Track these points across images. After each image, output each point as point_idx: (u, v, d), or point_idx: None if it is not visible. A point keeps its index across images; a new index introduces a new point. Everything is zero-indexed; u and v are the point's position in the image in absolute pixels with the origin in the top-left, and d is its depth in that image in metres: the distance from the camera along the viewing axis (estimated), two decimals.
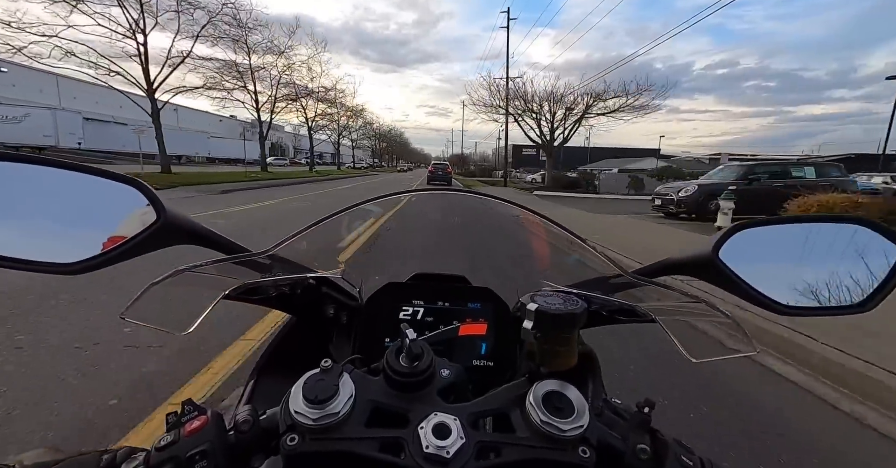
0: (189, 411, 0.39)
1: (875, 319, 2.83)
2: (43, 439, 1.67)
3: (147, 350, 2.42)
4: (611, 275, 0.59)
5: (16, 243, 0.40)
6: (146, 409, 1.88)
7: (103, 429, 1.75)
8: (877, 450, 1.93)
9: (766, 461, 1.78)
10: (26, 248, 0.40)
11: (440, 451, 0.36)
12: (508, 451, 0.38)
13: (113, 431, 1.74)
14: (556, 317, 0.41)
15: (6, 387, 2.01)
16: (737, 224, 0.47)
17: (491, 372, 0.67)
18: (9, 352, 2.33)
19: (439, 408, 0.40)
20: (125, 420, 1.80)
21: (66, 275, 0.40)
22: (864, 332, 2.84)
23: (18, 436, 1.70)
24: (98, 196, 0.44)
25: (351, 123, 51.73)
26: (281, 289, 0.60)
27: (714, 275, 0.46)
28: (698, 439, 1.86)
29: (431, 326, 0.69)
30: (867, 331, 2.85)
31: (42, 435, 1.70)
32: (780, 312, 0.44)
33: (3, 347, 2.38)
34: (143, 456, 0.36)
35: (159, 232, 0.43)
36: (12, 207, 0.41)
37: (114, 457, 0.37)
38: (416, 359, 0.42)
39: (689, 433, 1.91)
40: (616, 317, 0.58)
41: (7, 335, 2.53)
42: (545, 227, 0.70)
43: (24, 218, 0.42)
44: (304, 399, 0.37)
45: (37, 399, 1.91)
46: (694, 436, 1.89)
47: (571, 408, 0.39)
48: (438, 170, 27.97)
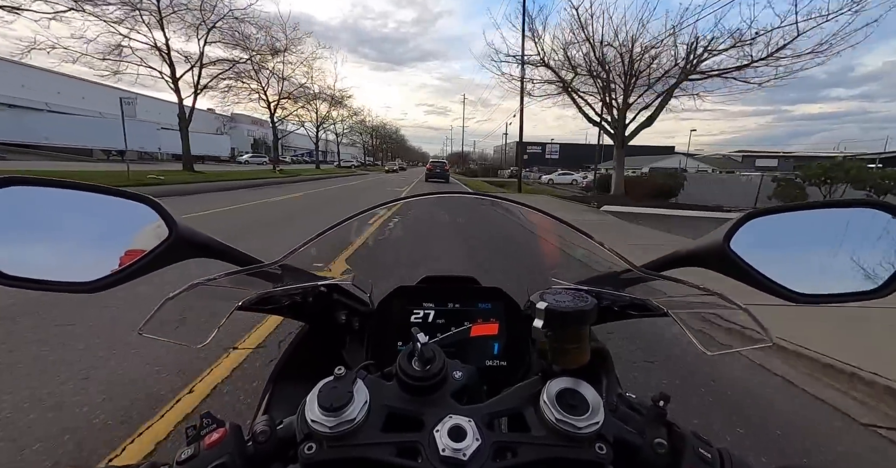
0: (208, 424, 0.39)
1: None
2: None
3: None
4: (621, 270, 0.58)
5: (33, 264, 0.41)
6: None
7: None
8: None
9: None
10: (44, 269, 0.41)
11: (457, 454, 0.36)
12: (525, 451, 0.38)
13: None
14: (566, 314, 0.41)
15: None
16: (747, 212, 0.46)
17: (504, 371, 0.67)
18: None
19: (454, 410, 0.40)
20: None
21: (84, 293, 0.41)
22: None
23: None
24: (111, 214, 0.45)
25: (334, 114, 42.29)
26: (293, 297, 0.60)
27: (725, 266, 0.45)
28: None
29: (443, 328, 0.69)
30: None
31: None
32: (795, 301, 0.43)
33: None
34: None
35: (172, 247, 0.44)
36: (28, 230, 0.43)
37: None
38: (428, 363, 0.42)
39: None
40: (628, 313, 0.57)
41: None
42: (552, 225, 0.70)
43: (40, 239, 0.43)
44: (320, 407, 0.37)
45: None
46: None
47: (586, 405, 0.39)
48: (436, 167, 29.72)
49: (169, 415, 1.83)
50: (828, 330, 2.83)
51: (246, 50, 21.98)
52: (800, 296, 0.44)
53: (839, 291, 0.45)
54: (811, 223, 0.48)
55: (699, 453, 0.38)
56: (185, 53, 19.96)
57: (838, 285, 0.45)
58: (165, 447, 1.65)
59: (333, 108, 39.57)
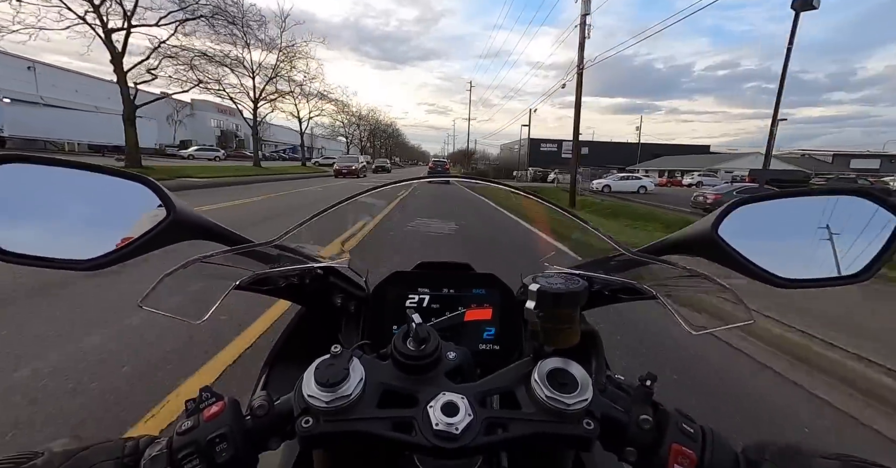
0: (207, 398, 0.40)
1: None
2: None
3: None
4: (613, 254, 0.59)
5: (33, 242, 0.41)
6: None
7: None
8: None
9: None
10: (44, 246, 0.42)
11: (449, 428, 0.37)
12: (515, 426, 0.39)
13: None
14: (557, 295, 0.42)
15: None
16: (736, 200, 0.48)
17: (497, 355, 0.68)
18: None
19: (447, 387, 0.41)
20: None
21: (82, 270, 0.42)
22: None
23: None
24: (110, 194, 0.45)
25: (308, 99, 33.66)
26: (290, 279, 0.61)
27: (714, 252, 0.47)
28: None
29: (437, 313, 0.70)
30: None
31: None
32: (779, 285, 0.45)
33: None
34: (166, 441, 0.38)
35: (170, 227, 0.44)
36: (28, 207, 0.43)
37: (137, 443, 0.39)
38: (422, 343, 0.43)
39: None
40: (618, 296, 0.59)
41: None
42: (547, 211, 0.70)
43: (40, 217, 0.44)
44: (317, 383, 0.38)
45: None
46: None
47: (575, 383, 0.40)
48: (438, 166, 33.34)
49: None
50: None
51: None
52: (784, 281, 0.45)
53: (822, 276, 0.47)
54: (797, 210, 0.49)
55: (682, 428, 0.40)
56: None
57: (821, 270, 0.47)
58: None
59: (322, 101, 34.48)
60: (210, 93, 22.82)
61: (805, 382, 2.52)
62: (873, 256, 0.45)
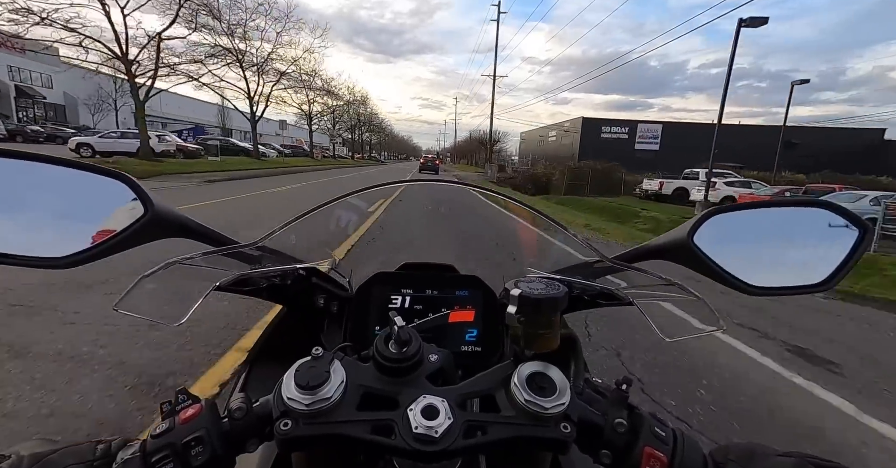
0: (183, 400, 0.39)
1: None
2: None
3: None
4: (593, 260, 0.61)
5: (3, 239, 0.40)
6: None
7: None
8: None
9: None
10: (14, 243, 0.40)
11: (429, 431, 0.37)
12: (494, 429, 0.40)
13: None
14: (538, 301, 0.42)
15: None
16: (710, 209, 0.49)
17: (479, 357, 0.69)
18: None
19: (428, 390, 0.41)
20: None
21: (56, 269, 0.40)
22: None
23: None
24: (85, 190, 0.44)
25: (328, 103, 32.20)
26: (272, 280, 0.60)
27: (689, 259, 0.48)
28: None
29: (421, 314, 0.70)
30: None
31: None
32: (749, 292, 0.47)
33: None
34: (140, 444, 0.37)
35: (148, 225, 0.43)
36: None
37: (108, 446, 0.38)
38: (404, 345, 0.43)
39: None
40: (597, 302, 0.60)
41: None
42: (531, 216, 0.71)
43: (11, 213, 0.42)
44: (297, 385, 0.38)
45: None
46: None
47: (554, 387, 0.41)
48: (429, 161, 35.62)
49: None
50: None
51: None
52: (753, 288, 0.47)
53: (789, 284, 0.49)
54: (769, 221, 0.51)
55: (655, 432, 0.41)
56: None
57: (788, 279, 0.49)
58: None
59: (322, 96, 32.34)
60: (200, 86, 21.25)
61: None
62: (836, 266, 0.48)
